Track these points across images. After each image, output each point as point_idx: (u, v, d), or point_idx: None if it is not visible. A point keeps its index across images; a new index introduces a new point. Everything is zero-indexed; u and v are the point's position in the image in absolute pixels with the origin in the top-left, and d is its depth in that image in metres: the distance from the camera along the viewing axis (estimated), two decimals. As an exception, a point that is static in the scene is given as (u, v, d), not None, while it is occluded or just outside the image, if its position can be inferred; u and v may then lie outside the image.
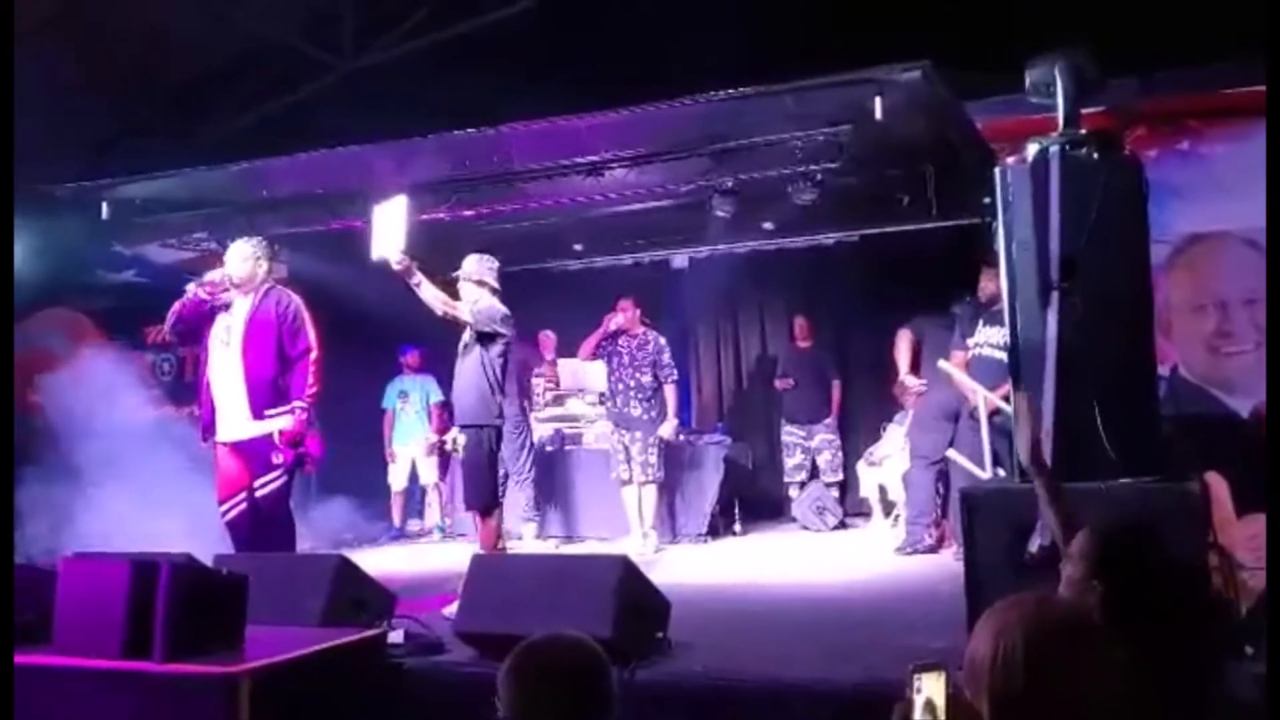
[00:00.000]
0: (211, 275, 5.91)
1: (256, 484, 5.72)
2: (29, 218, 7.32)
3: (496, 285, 6.45)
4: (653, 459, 8.11)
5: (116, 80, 8.75)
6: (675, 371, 8.43)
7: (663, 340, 8.44)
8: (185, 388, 9.01)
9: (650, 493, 8.12)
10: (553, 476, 8.95)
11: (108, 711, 3.64)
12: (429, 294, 6.06)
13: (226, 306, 5.92)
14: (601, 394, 8.94)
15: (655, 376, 8.29)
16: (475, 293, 6.36)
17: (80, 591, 3.80)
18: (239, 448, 5.81)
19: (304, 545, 6.16)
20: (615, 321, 8.38)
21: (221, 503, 5.85)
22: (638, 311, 8.44)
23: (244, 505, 5.77)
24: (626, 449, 8.16)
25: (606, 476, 8.41)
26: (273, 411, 5.78)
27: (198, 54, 9.45)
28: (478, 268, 6.45)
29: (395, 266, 5.89)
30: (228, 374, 5.82)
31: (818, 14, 7.53)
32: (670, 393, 8.34)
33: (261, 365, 5.77)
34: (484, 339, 6.20)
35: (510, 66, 8.10)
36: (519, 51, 8.35)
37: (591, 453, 9.07)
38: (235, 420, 5.82)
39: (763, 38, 7.19)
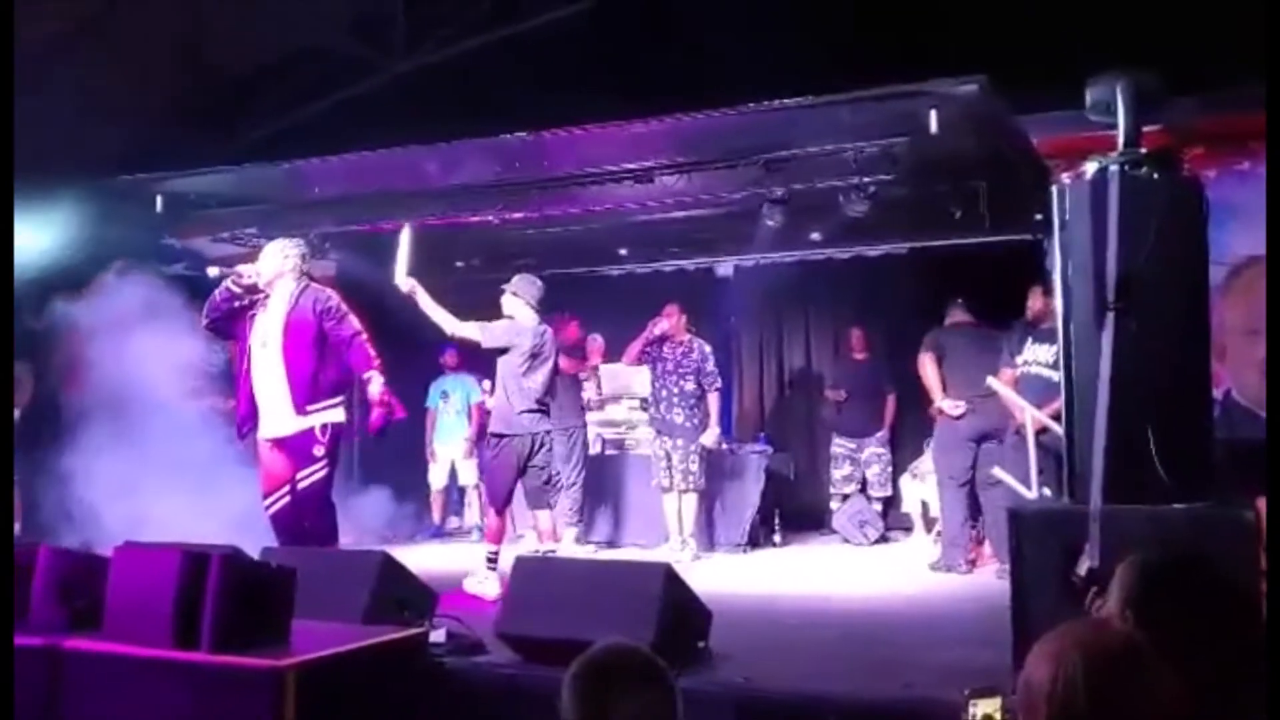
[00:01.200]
0: (241, 267, 5.98)
1: (299, 476, 5.79)
2: (86, 207, 7.42)
3: (532, 302, 6.88)
4: (694, 467, 8.10)
5: (170, 76, 8.87)
6: (719, 379, 8.41)
7: (707, 348, 8.42)
8: (234, 377, 9.09)
9: (690, 501, 8.12)
10: (594, 481, 8.95)
11: (154, 700, 3.67)
12: (437, 316, 6.65)
13: (263, 305, 6.00)
14: (644, 400, 8.94)
15: (699, 384, 8.27)
16: (512, 304, 6.89)
17: (131, 580, 3.84)
18: (282, 443, 5.90)
19: (344, 541, 6.19)
20: (660, 327, 8.37)
21: (265, 496, 5.94)
22: (683, 318, 8.43)
23: (287, 499, 5.85)
24: (668, 456, 8.15)
25: (646, 483, 8.41)
26: (314, 406, 5.86)
27: (251, 52, 9.55)
28: (517, 284, 6.97)
29: (402, 290, 6.45)
30: (268, 373, 5.90)
31: (873, 25, 7.49)
32: (714, 401, 8.31)
33: (301, 362, 5.83)
34: (499, 351, 6.74)
35: (562, 69, 8.12)
36: (571, 54, 8.36)
37: (632, 458, 9.08)
38: (278, 417, 5.89)
39: (817, 48, 7.16)
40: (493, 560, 6.62)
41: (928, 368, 7.69)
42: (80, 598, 3.93)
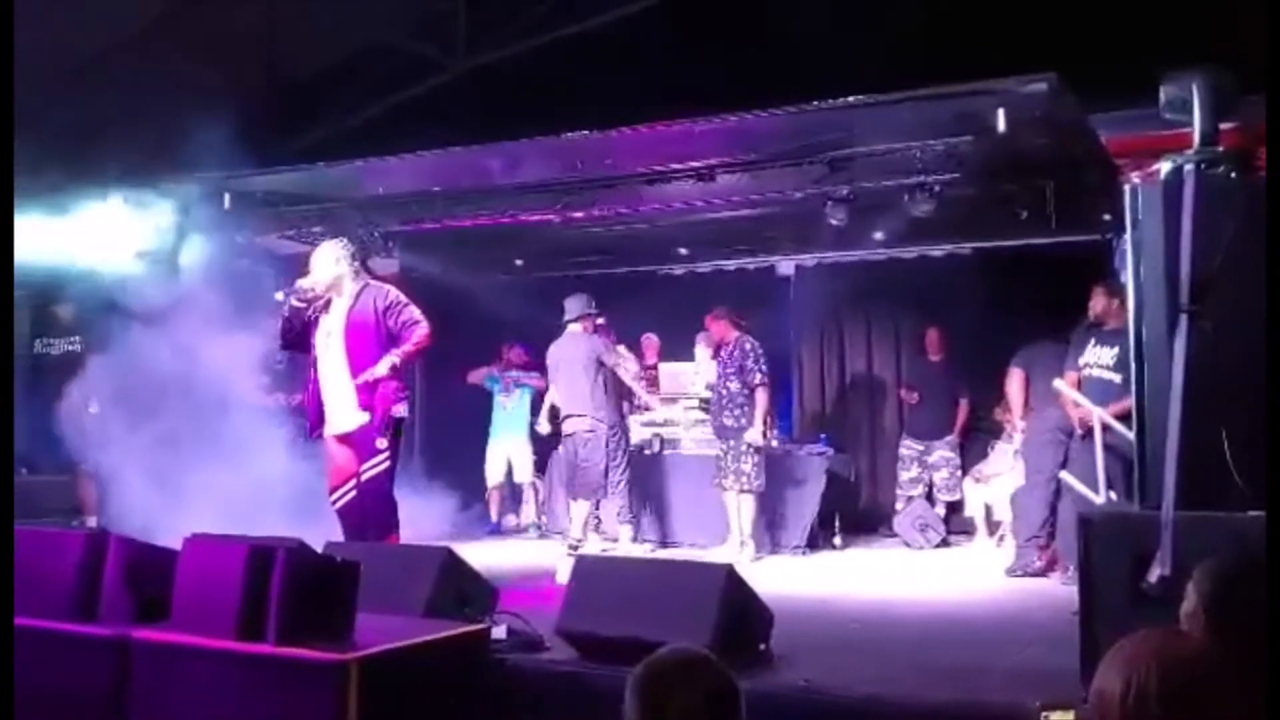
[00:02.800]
0: (301, 283, 6.04)
1: (363, 468, 5.86)
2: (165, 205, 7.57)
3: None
4: (746, 467, 7.93)
5: (237, 76, 9.01)
6: (762, 375, 8.07)
7: (748, 345, 8.13)
8: (298, 376, 9.21)
9: (747, 502, 8.01)
10: (651, 481, 8.94)
11: (221, 691, 3.72)
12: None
13: (326, 308, 6.07)
14: (703, 401, 8.92)
15: (744, 383, 8.07)
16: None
17: (198, 572, 3.90)
18: (347, 438, 5.98)
19: (403, 535, 6.24)
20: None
21: (332, 491, 6.03)
22: (724, 323, 8.33)
23: (353, 493, 5.92)
24: (721, 456, 8.13)
25: (704, 482, 8.36)
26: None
27: (316, 52, 9.68)
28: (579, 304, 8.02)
29: None
30: (333, 371, 5.98)
31: (940, 22, 7.42)
32: (760, 396, 8.04)
33: (364, 359, 5.88)
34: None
35: (624, 67, 8.13)
36: (633, 52, 8.37)
37: (688, 458, 9.03)
38: (343, 414, 5.98)
39: (884, 46, 7.11)
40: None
41: (1014, 384, 7.60)
42: (149, 588, 3.99)
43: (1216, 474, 3.89)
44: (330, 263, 6.00)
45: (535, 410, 9.84)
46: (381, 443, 5.85)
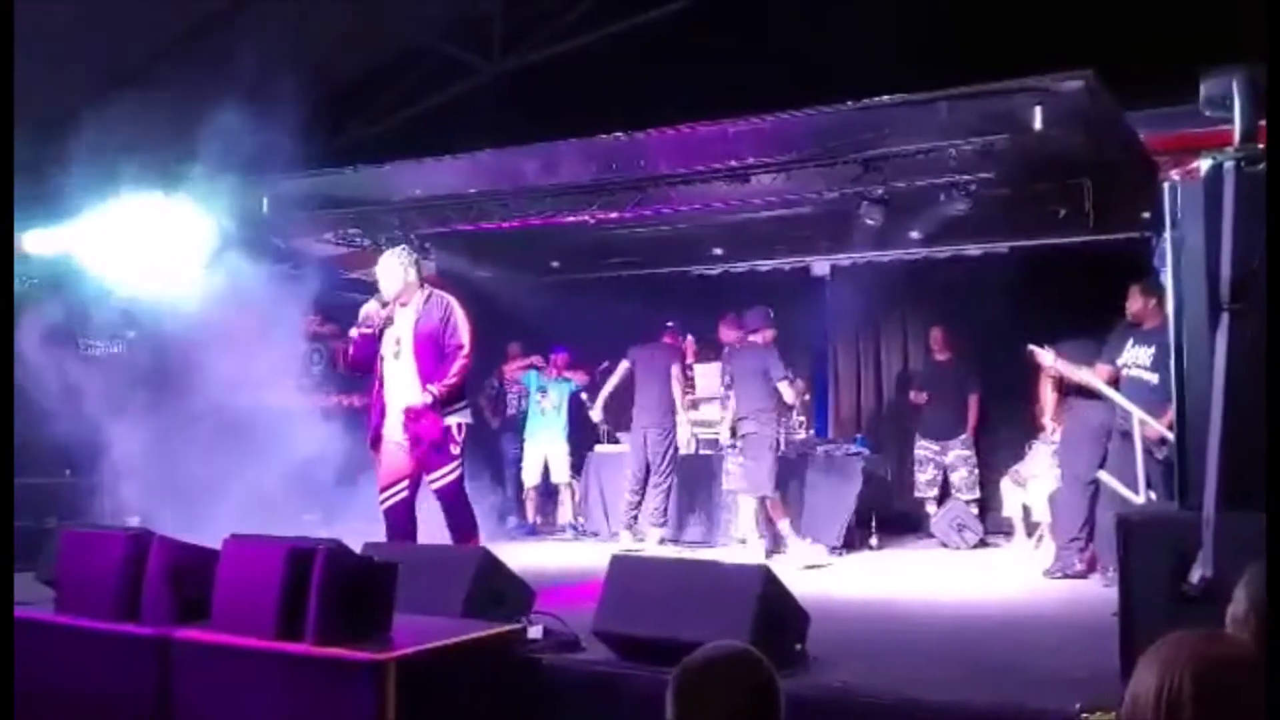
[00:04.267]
0: (368, 312, 6.11)
1: (434, 475, 5.95)
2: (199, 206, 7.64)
3: None
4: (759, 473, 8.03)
5: (274, 81, 9.09)
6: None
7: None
8: (333, 378, 9.29)
9: (753, 503, 8.13)
10: (684, 481, 8.97)
11: (261, 690, 3.77)
12: None
13: (390, 320, 6.15)
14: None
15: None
16: None
17: (239, 572, 3.95)
18: (411, 444, 6.03)
19: (439, 536, 6.28)
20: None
21: (382, 490, 6.09)
22: (740, 329, 8.40)
23: (405, 494, 6.02)
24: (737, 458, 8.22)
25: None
26: (450, 408, 6.02)
27: (353, 56, 9.74)
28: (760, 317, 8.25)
29: None
30: (401, 382, 6.04)
31: (975, 21, 7.37)
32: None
33: (432, 369, 5.98)
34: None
35: (658, 69, 8.13)
36: (667, 54, 8.37)
37: (723, 459, 9.04)
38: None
39: (918, 44, 7.07)
40: None
41: (1046, 383, 7.50)
42: (190, 588, 4.04)
43: (1258, 473, 3.84)
44: (398, 272, 6.07)
45: (573, 412, 9.89)
46: (455, 449, 6.01)
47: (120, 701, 4.01)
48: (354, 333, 6.15)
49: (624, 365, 9.21)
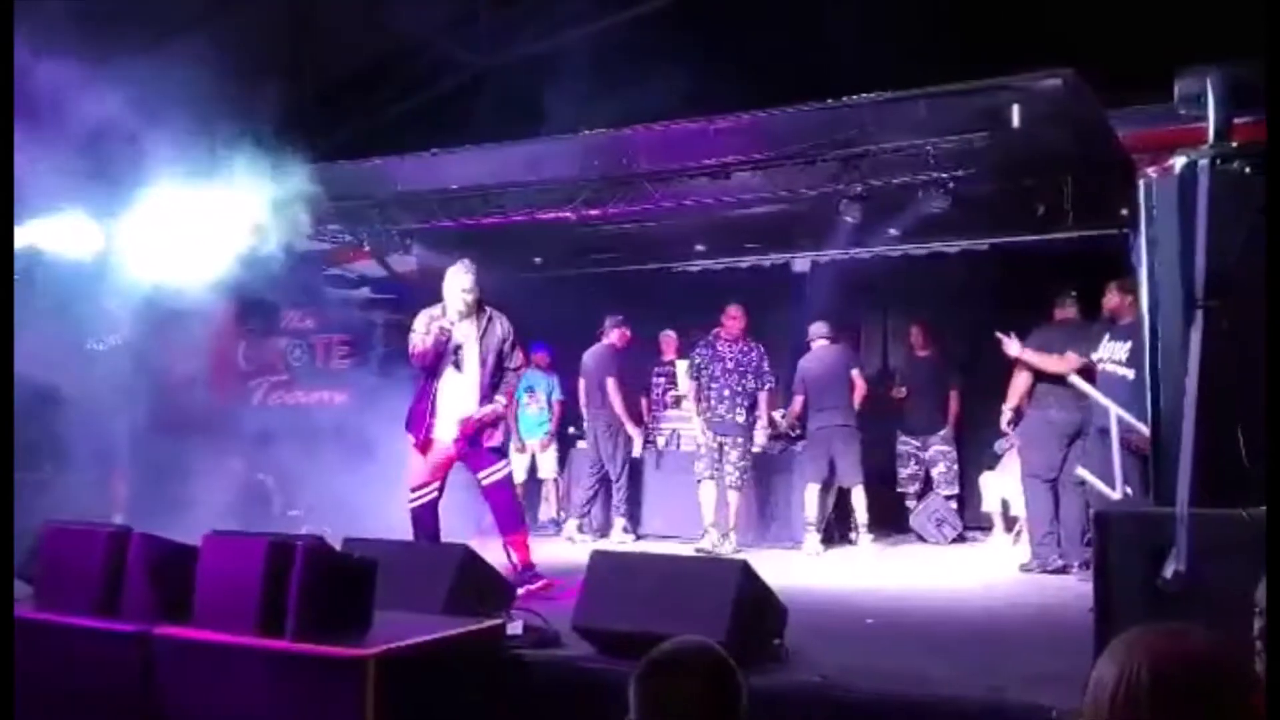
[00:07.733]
0: (441, 324, 6.29)
1: (485, 472, 6.37)
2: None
3: None
4: (747, 465, 8.33)
5: (263, 75, 9.06)
6: (772, 380, 8.50)
7: (762, 348, 8.51)
8: (316, 373, 9.28)
9: (734, 497, 8.27)
10: (661, 476, 9.04)
11: (242, 685, 3.77)
12: None
13: (452, 335, 6.38)
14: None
15: (758, 384, 8.36)
16: None
17: (219, 568, 3.96)
18: (457, 446, 6.33)
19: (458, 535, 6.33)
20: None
21: (414, 490, 6.32)
22: (744, 321, 8.50)
23: (435, 495, 6.31)
24: (720, 450, 8.24)
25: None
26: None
27: (340, 53, 9.72)
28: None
29: None
30: (460, 391, 6.36)
31: (955, 20, 7.41)
32: (764, 400, 8.44)
33: (489, 382, 6.40)
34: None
35: (639, 67, 8.13)
36: (652, 51, 8.37)
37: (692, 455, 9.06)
38: (454, 425, 6.34)
39: (899, 43, 7.09)
40: None
41: (1019, 380, 7.50)
42: (171, 584, 4.04)
43: (1232, 469, 3.88)
44: (468, 287, 6.35)
45: (562, 410, 9.90)
46: (502, 448, 6.56)
47: (102, 698, 4.00)
48: (432, 335, 6.28)
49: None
